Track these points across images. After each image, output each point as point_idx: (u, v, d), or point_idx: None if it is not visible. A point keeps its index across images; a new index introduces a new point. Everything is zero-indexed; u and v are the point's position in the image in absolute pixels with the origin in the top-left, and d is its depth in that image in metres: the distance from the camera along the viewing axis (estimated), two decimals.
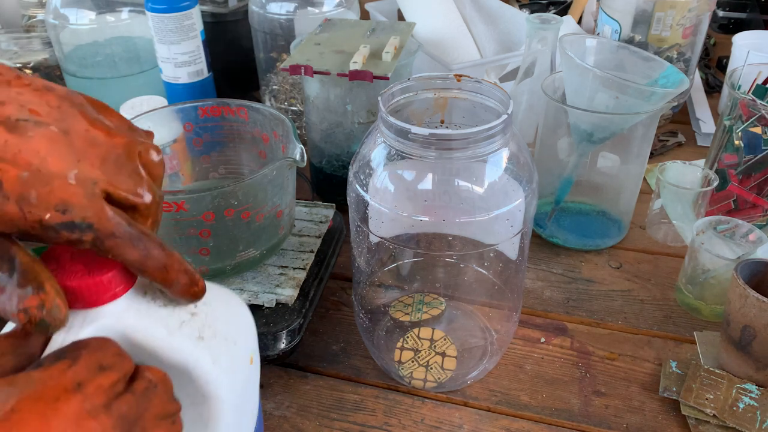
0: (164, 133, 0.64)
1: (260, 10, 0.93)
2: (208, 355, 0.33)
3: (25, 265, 0.27)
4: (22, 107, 0.27)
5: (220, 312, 0.36)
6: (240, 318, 0.38)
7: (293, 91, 0.95)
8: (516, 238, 0.54)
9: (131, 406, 0.28)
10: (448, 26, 0.93)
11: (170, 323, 0.33)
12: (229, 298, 0.39)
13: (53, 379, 0.26)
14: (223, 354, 0.34)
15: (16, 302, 0.27)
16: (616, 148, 0.72)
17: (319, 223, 0.68)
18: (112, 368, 0.28)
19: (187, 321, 0.33)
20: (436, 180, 0.51)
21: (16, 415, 0.24)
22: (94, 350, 0.28)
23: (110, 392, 0.27)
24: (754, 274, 0.57)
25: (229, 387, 0.34)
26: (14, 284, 0.27)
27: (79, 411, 0.25)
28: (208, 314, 0.35)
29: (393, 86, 0.52)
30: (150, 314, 0.32)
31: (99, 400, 0.26)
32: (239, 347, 0.36)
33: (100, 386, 0.27)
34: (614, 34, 0.95)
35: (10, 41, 0.99)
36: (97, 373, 0.27)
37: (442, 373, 0.58)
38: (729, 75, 0.74)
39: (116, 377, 0.28)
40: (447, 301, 0.64)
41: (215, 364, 0.33)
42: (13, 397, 0.25)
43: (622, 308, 0.68)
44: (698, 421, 0.54)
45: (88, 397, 0.26)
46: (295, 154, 0.55)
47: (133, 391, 0.28)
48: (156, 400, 0.29)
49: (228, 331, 0.35)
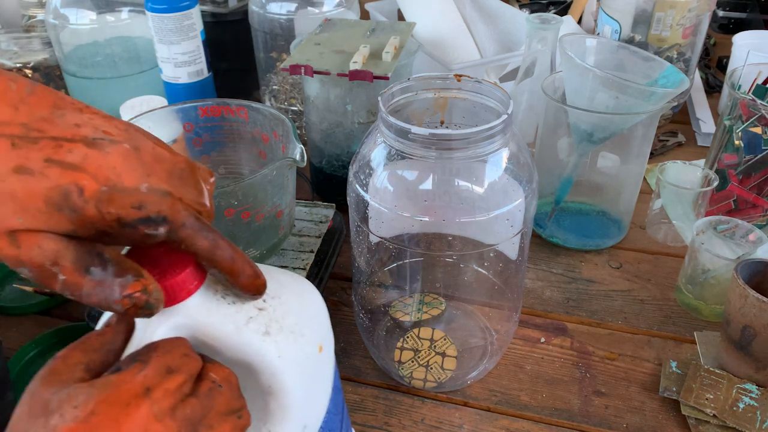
0: (164, 133, 0.64)
1: (260, 10, 0.93)
2: (274, 350, 0.34)
3: (117, 257, 0.30)
4: (96, 129, 0.30)
5: (290, 305, 0.37)
6: (310, 308, 0.39)
7: (293, 91, 0.95)
8: (516, 238, 0.54)
9: (195, 408, 0.30)
10: (448, 26, 0.93)
11: (238, 319, 0.34)
12: (301, 287, 0.40)
13: (125, 383, 0.28)
14: (289, 347, 0.35)
15: (119, 290, 0.29)
16: (616, 148, 0.72)
17: (319, 223, 0.68)
18: (179, 370, 0.30)
19: (254, 317, 0.35)
20: (436, 180, 0.51)
21: (95, 418, 0.27)
22: (164, 353, 0.30)
23: (177, 394, 0.29)
24: (754, 274, 0.57)
25: (295, 378, 0.35)
26: (111, 275, 0.29)
27: (147, 415, 0.28)
28: (276, 308, 0.36)
29: (393, 86, 0.52)
30: (219, 311, 0.34)
31: (166, 404, 0.28)
32: (306, 339, 0.37)
33: (167, 390, 0.29)
34: (614, 34, 0.95)
35: (10, 41, 0.99)
36: (165, 376, 0.29)
37: (442, 373, 0.58)
38: (729, 75, 0.74)
39: (183, 379, 0.30)
40: (447, 301, 0.64)
41: (281, 357, 0.34)
42: (92, 399, 0.27)
43: (622, 308, 0.68)
44: (698, 421, 0.54)
45: (155, 402, 0.28)
46: (295, 154, 0.55)
47: (198, 394, 0.30)
48: (220, 399, 0.31)
49: (296, 323, 0.36)
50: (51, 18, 0.89)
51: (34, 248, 0.28)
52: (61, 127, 0.29)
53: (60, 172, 0.28)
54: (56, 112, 0.30)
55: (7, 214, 0.28)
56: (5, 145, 0.28)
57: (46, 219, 0.28)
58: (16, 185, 0.28)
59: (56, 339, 0.64)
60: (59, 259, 0.29)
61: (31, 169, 0.28)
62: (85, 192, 0.29)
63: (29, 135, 0.28)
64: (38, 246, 0.28)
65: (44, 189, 0.28)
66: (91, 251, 0.30)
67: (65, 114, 0.30)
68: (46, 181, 0.28)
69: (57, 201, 0.28)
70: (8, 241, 0.28)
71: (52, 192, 0.28)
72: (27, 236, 0.28)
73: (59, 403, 0.27)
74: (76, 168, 0.29)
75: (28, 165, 0.28)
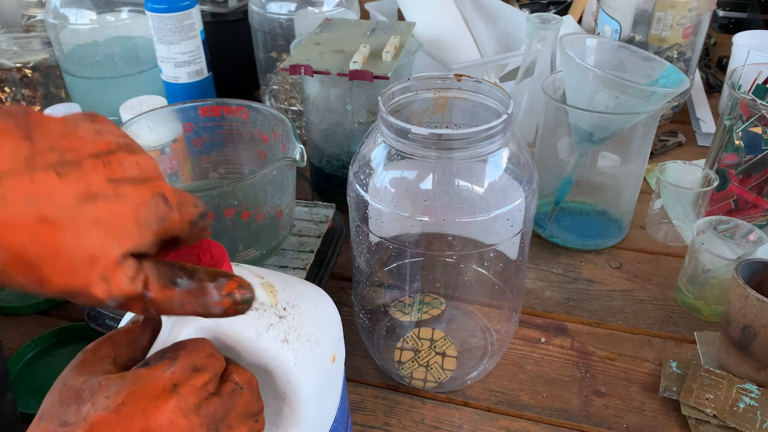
0: (164, 133, 0.64)
1: (260, 10, 0.93)
2: (291, 357, 0.35)
3: (196, 266, 0.31)
4: (110, 131, 0.29)
5: (308, 314, 0.38)
6: (326, 318, 0.40)
7: (293, 91, 0.95)
8: (516, 238, 0.54)
9: (218, 406, 0.31)
10: (448, 26, 0.93)
11: (259, 326, 0.35)
12: (318, 298, 0.41)
13: (155, 378, 0.29)
14: (305, 355, 0.36)
15: (217, 292, 0.30)
16: (616, 148, 0.72)
17: (319, 223, 0.68)
18: (205, 369, 0.31)
19: (275, 324, 0.36)
20: (436, 180, 0.51)
21: (125, 409, 0.28)
22: (191, 352, 0.31)
23: (202, 392, 0.30)
24: (755, 274, 0.57)
25: (309, 385, 0.37)
26: (199, 281, 0.30)
27: (174, 409, 0.29)
28: (295, 317, 0.37)
29: (393, 86, 0.52)
30: (242, 316, 0.34)
31: (191, 400, 0.30)
32: (322, 348, 0.38)
33: (193, 386, 0.30)
34: (614, 34, 0.95)
35: (9, 41, 0.99)
36: (192, 374, 0.30)
37: (442, 373, 0.58)
38: (729, 75, 0.74)
39: (208, 377, 0.31)
40: (447, 301, 0.64)
41: (297, 365, 0.36)
42: (123, 391, 0.28)
43: (622, 308, 0.68)
44: (698, 422, 0.54)
45: (182, 397, 0.29)
46: (295, 154, 0.55)
47: (221, 394, 0.31)
48: (241, 401, 0.32)
49: (312, 332, 0.38)
50: (51, 18, 0.89)
51: (123, 278, 0.27)
52: (90, 141, 0.27)
53: (134, 188, 0.28)
54: (66, 125, 0.28)
55: (98, 243, 0.26)
56: (52, 177, 0.25)
57: (136, 238, 0.28)
58: (99, 212, 0.26)
59: (56, 339, 0.64)
60: (148, 280, 0.28)
61: (103, 194, 0.27)
62: (168, 198, 0.29)
63: (66, 158, 0.26)
64: (125, 275, 0.27)
65: (131, 208, 0.27)
66: (169, 264, 0.30)
67: (76, 125, 0.28)
68: (128, 201, 0.27)
69: (147, 216, 0.28)
70: (98, 280, 0.27)
71: (141, 209, 0.28)
72: (113, 269, 0.27)
73: (91, 393, 0.29)
74: (144, 179, 0.28)
75: (94, 190, 0.26)
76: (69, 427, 0.28)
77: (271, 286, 0.38)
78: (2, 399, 0.51)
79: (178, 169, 0.67)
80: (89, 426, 0.27)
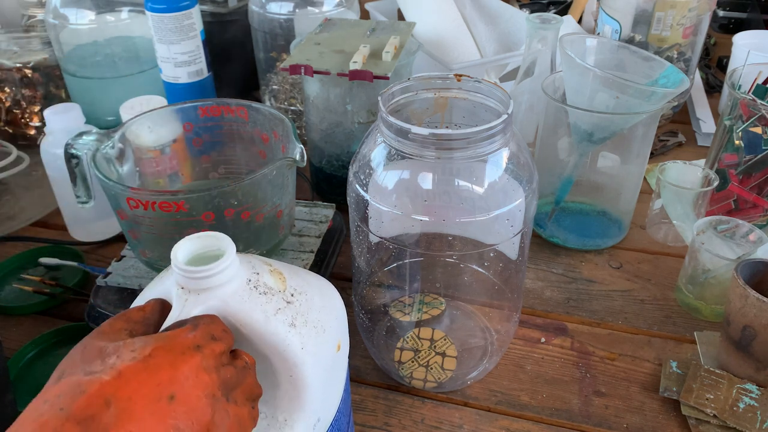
0: (164, 132, 0.64)
1: (260, 10, 0.93)
2: (298, 341, 0.36)
3: None
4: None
5: (314, 301, 0.39)
6: (332, 307, 0.41)
7: (293, 91, 0.95)
8: (516, 238, 0.54)
9: (231, 375, 0.33)
10: (448, 26, 0.93)
11: (268, 309, 0.36)
12: (324, 287, 0.42)
13: (180, 337, 0.32)
14: (311, 340, 0.37)
15: None
16: (616, 148, 0.72)
17: (319, 223, 0.68)
18: (221, 339, 0.33)
19: (282, 308, 0.37)
20: (436, 180, 0.51)
21: (153, 360, 0.30)
22: (208, 323, 0.33)
23: (220, 359, 0.33)
24: (755, 274, 0.57)
25: (315, 370, 0.37)
26: None
27: (198, 365, 0.31)
28: (302, 303, 0.38)
29: (393, 86, 0.52)
30: (251, 299, 0.36)
31: (212, 362, 0.32)
32: (327, 335, 0.39)
33: (213, 351, 0.32)
34: (614, 34, 0.95)
35: (10, 41, 0.99)
36: (211, 340, 0.32)
37: (442, 373, 0.58)
38: (729, 75, 0.74)
39: (224, 347, 0.33)
40: (447, 301, 0.64)
41: (303, 349, 0.37)
42: (149, 345, 0.30)
43: (622, 308, 0.68)
44: (698, 422, 0.54)
45: (205, 357, 0.31)
46: (295, 154, 0.55)
47: (234, 365, 0.34)
48: (248, 379, 0.34)
49: (319, 319, 0.39)
50: (51, 18, 0.89)
51: None
52: None
53: None
54: None
55: None
56: None
57: None
58: None
59: (56, 339, 0.64)
60: None
61: None
62: None
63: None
64: None
65: None
66: None
67: None
68: None
69: None
70: None
71: None
72: None
73: (116, 348, 0.30)
74: None
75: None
76: (96, 375, 0.29)
77: (279, 273, 0.39)
78: (2, 399, 0.51)
79: (178, 169, 0.67)
80: (117, 373, 0.29)
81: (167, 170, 0.66)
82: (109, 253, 0.77)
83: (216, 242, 0.36)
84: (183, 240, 0.36)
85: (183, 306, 0.34)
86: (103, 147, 0.57)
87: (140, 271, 0.62)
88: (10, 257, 0.74)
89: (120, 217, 0.56)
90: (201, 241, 0.36)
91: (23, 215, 0.82)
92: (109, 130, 0.59)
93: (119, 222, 0.58)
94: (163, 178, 0.66)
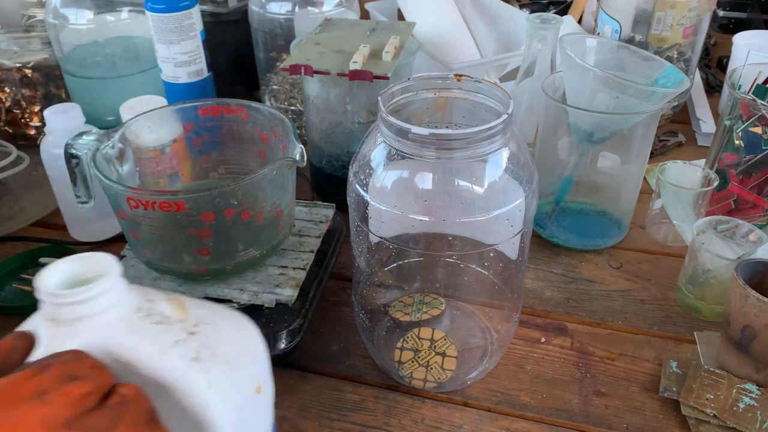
0: (164, 133, 0.64)
1: (260, 10, 0.93)
2: (203, 378, 0.31)
3: None
4: None
5: (224, 333, 0.34)
6: (248, 344, 0.36)
7: (293, 91, 0.95)
8: (516, 238, 0.54)
9: (101, 419, 0.27)
10: (448, 26, 0.93)
11: (163, 341, 0.31)
12: (238, 321, 0.37)
13: (15, 386, 0.26)
14: (221, 378, 0.32)
15: None
16: (616, 148, 0.72)
17: (319, 223, 0.68)
18: (85, 379, 0.28)
19: (182, 340, 0.32)
20: (436, 180, 0.51)
21: None
22: (68, 361, 0.28)
23: (79, 404, 0.27)
24: (755, 274, 0.57)
25: (227, 414, 0.32)
26: None
27: (36, 420, 0.26)
28: (209, 334, 0.33)
29: (393, 86, 0.52)
30: (141, 330, 0.31)
31: (62, 412, 0.26)
32: (242, 374, 0.34)
33: (67, 395, 0.27)
34: (614, 34, 0.95)
35: (10, 41, 0.99)
36: (66, 383, 0.27)
37: (442, 373, 0.58)
38: (729, 75, 0.74)
39: (88, 388, 0.28)
40: (447, 301, 0.64)
41: (211, 387, 0.32)
42: None
43: (622, 308, 0.68)
44: (698, 422, 0.54)
45: (49, 407, 0.26)
46: (295, 154, 0.55)
47: (106, 406, 0.28)
48: (128, 417, 0.29)
49: (230, 354, 0.33)
50: (51, 18, 0.89)
51: None
52: None
53: None
54: None
55: None
56: None
57: None
58: None
59: None
60: None
61: None
62: None
63: None
64: None
65: None
66: None
67: None
68: None
69: None
70: None
71: None
72: None
73: None
74: None
75: None
76: None
77: (179, 301, 0.34)
78: None
79: (178, 169, 0.67)
80: None
81: (167, 170, 0.66)
82: None
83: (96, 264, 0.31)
84: (58, 261, 0.31)
85: (51, 340, 0.29)
86: (103, 147, 0.57)
87: (140, 271, 0.62)
88: (10, 257, 0.74)
89: (120, 217, 0.56)
90: (81, 262, 0.31)
91: (23, 215, 0.82)
92: (109, 130, 0.59)
93: (119, 222, 0.58)
94: (163, 178, 0.66)
